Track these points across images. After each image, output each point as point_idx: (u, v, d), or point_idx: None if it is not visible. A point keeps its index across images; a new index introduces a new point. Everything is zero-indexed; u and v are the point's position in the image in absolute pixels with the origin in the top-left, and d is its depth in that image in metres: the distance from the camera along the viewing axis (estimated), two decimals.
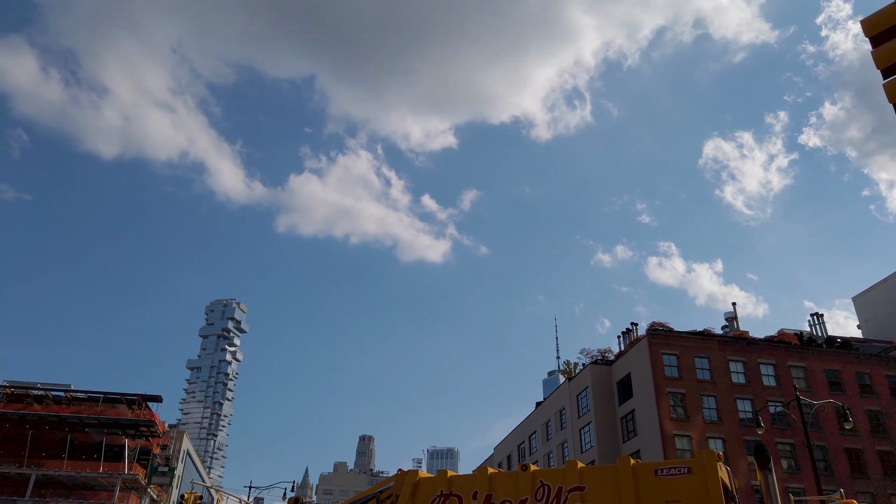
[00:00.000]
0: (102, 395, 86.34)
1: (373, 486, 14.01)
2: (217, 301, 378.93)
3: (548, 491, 12.81)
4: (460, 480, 13.23)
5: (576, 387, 63.97)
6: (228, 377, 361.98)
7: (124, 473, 79.38)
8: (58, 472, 78.63)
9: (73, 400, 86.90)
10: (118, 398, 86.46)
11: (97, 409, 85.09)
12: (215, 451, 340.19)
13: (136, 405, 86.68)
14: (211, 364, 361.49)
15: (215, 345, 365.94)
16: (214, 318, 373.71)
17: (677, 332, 59.70)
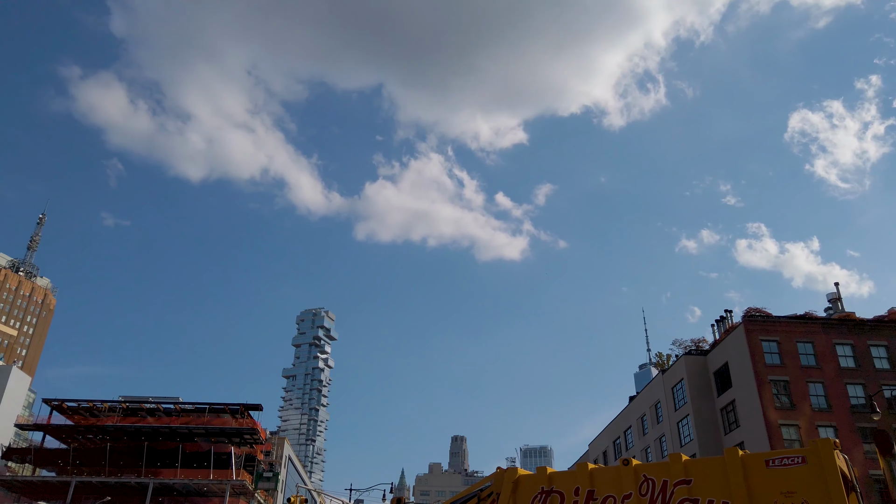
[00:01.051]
0: (208, 405, 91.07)
1: (472, 486, 14.09)
2: (307, 311, 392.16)
3: (652, 485, 12.48)
4: (560, 477, 13.09)
5: (670, 379, 62.02)
6: (322, 384, 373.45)
7: (233, 480, 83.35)
8: (172, 481, 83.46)
9: (181, 412, 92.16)
10: (222, 408, 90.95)
11: (204, 420, 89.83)
12: (314, 456, 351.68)
13: (239, 414, 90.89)
14: (305, 372, 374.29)
15: (308, 353, 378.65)
16: (305, 327, 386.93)
17: (776, 316, 56.74)
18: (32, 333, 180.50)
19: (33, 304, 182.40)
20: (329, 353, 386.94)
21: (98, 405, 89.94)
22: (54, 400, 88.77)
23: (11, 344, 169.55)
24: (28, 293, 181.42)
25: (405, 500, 16.43)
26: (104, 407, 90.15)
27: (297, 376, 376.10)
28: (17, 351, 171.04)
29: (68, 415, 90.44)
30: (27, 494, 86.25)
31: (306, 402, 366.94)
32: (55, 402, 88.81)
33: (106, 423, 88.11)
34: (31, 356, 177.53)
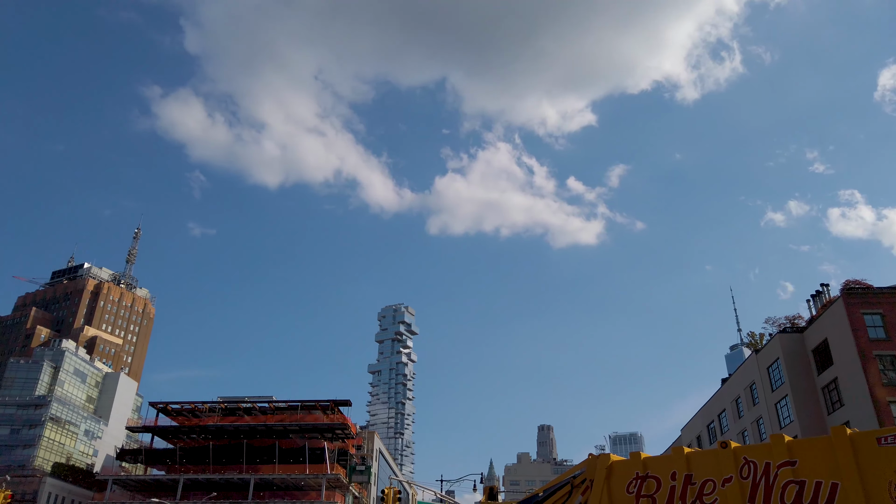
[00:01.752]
0: (300, 403, 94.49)
1: (564, 473, 13.98)
2: (387, 307, 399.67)
3: (754, 468, 12.00)
4: (655, 462, 12.78)
5: (765, 359, 59.37)
6: (406, 378, 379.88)
7: (328, 474, 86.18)
8: (272, 476, 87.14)
9: (276, 410, 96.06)
10: (313, 405, 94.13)
11: (297, 417, 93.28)
12: (404, 449, 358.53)
13: (330, 410, 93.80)
14: (389, 367, 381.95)
15: (391, 348, 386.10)
16: (387, 323, 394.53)
17: (878, 288, 53.19)
18: (136, 341, 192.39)
19: (135, 313, 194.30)
20: (411, 347, 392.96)
21: (199, 406, 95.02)
22: (159, 403, 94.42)
23: (118, 352, 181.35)
24: (129, 304, 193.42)
25: (497, 490, 16.49)
26: (205, 408, 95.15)
27: (381, 371, 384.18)
28: (123, 359, 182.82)
29: (173, 416, 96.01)
30: (141, 492, 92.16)
31: (392, 396, 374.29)
32: (160, 405, 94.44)
33: (207, 423, 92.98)
34: (135, 363, 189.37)
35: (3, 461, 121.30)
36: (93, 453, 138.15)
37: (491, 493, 16.26)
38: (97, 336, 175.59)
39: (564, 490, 12.96)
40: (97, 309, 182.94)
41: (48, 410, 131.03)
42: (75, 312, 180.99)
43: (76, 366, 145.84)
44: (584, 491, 12.31)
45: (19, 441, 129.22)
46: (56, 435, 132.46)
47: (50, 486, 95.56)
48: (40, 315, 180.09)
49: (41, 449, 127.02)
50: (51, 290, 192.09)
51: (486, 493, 16.32)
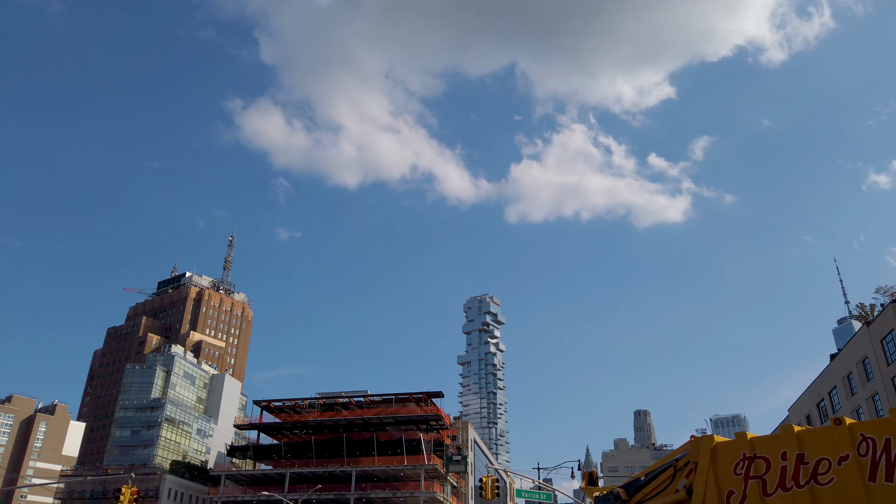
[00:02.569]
0: (394, 396, 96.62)
1: (665, 457, 13.60)
2: (472, 298, 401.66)
3: (873, 445, 11.25)
4: (764, 441, 12.20)
5: (877, 331, 55.50)
6: (496, 368, 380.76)
7: (425, 465, 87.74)
8: (372, 468, 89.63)
9: (371, 403, 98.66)
10: (407, 397, 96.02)
11: (392, 409, 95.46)
12: (498, 438, 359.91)
13: (423, 402, 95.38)
14: (478, 357, 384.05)
15: (479, 339, 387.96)
16: (473, 314, 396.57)
17: None
18: (237, 343, 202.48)
19: (234, 317, 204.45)
20: (499, 337, 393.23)
21: (299, 403, 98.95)
22: (262, 401, 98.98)
23: (221, 354, 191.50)
24: (229, 308, 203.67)
25: (596, 475, 16.27)
26: (304, 404, 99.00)
27: (471, 362, 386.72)
28: (226, 360, 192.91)
29: (276, 413, 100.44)
30: (251, 486, 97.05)
31: (483, 386, 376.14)
32: (263, 403, 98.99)
33: (307, 418, 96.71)
34: (238, 364, 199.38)
35: (126, 460, 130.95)
36: (205, 451, 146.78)
37: (591, 478, 16.05)
38: (202, 340, 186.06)
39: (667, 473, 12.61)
40: (200, 315, 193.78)
41: (163, 412, 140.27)
42: (181, 319, 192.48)
43: (185, 369, 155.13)
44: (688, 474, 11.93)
45: (140, 441, 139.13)
46: (172, 434, 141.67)
47: (170, 483, 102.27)
48: (150, 323, 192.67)
49: (159, 448, 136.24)
50: (158, 300, 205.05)
51: (586, 479, 16.14)
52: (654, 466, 13.56)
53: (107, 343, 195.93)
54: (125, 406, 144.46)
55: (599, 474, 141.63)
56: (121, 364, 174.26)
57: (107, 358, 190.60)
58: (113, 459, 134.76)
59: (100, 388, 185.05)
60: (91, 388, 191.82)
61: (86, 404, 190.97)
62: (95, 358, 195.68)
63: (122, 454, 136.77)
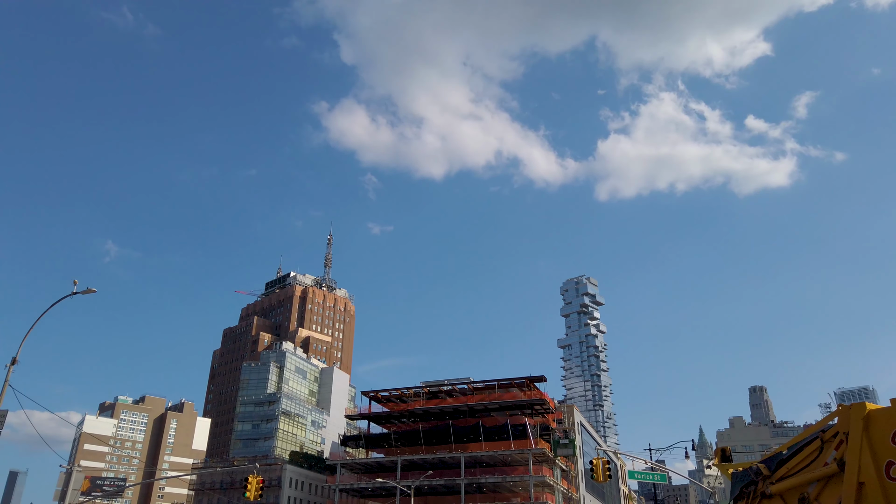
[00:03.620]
0: (496, 382, 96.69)
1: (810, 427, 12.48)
2: (568, 280, 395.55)
3: None
4: None
5: None
6: (598, 350, 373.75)
7: (533, 449, 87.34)
8: (480, 453, 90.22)
9: (475, 390, 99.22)
10: (509, 383, 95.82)
11: (496, 395, 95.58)
12: (605, 421, 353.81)
13: (526, 387, 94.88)
14: (579, 340, 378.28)
15: (578, 321, 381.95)
16: (570, 296, 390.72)
17: None
18: (342, 338, 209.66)
19: (338, 312, 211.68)
20: (599, 318, 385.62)
21: (405, 392, 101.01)
22: (370, 392, 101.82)
23: (328, 349, 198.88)
24: (332, 304, 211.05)
25: (729, 451, 15.26)
26: (410, 393, 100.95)
27: (571, 345, 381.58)
28: (333, 354, 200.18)
29: (383, 403, 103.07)
30: (365, 474, 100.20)
31: (586, 369, 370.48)
32: (371, 394, 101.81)
33: (414, 407, 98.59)
34: (344, 357, 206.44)
35: (249, 452, 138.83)
36: (320, 441, 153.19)
37: (724, 454, 15.08)
38: (310, 336, 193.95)
39: (813, 446, 11.54)
40: (306, 312, 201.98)
41: (280, 406, 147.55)
42: (289, 317, 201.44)
43: (297, 364, 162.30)
44: (838, 445, 10.84)
45: (260, 434, 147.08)
46: (289, 427, 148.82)
47: (290, 472, 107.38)
48: (261, 322, 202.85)
49: (278, 440, 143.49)
50: (267, 300, 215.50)
51: (719, 455, 15.17)
52: (796, 440, 12.51)
53: (224, 343, 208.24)
54: (244, 402, 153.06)
55: None
56: (238, 362, 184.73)
57: (225, 357, 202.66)
58: (237, 452, 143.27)
59: (221, 386, 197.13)
60: (213, 386, 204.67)
61: (209, 401, 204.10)
62: (215, 357, 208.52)
63: (246, 446, 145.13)
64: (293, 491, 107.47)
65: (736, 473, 13.41)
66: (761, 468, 12.50)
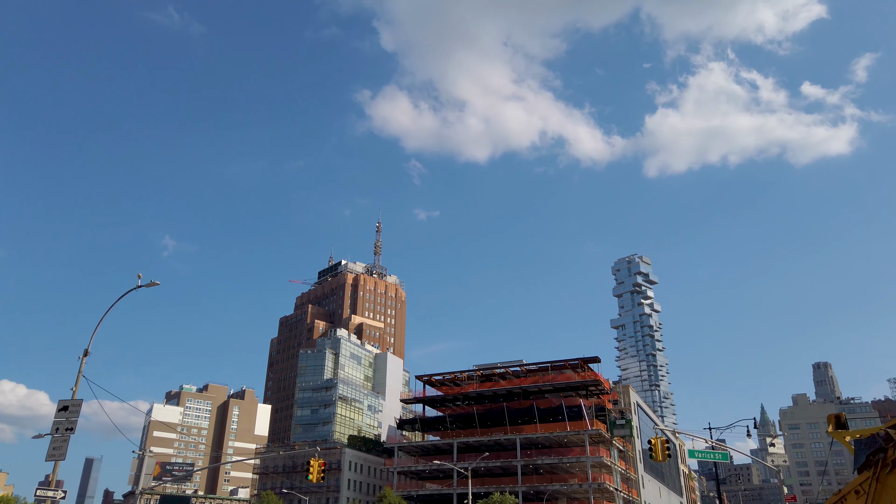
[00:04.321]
0: (549, 364, 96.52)
1: None
2: (620, 260, 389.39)
3: None
4: None
5: None
6: (653, 329, 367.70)
7: (588, 430, 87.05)
8: (535, 435, 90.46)
9: (528, 372, 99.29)
10: (563, 364, 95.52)
11: (549, 377, 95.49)
12: (662, 401, 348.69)
13: (580, 368, 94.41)
14: (633, 320, 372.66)
15: (631, 301, 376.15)
16: (622, 276, 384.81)
17: None
18: (394, 323, 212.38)
19: (389, 298, 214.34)
20: (652, 297, 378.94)
21: (458, 375, 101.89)
22: (424, 376, 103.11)
23: (381, 334, 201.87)
24: (383, 291, 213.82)
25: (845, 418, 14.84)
26: (463, 376, 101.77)
27: (625, 325, 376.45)
28: (386, 340, 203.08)
29: (437, 386, 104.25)
30: (422, 456, 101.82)
31: (641, 349, 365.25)
32: (425, 378, 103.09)
33: (468, 390, 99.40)
34: (397, 342, 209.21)
35: (309, 436, 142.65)
36: (377, 425, 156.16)
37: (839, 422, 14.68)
38: (363, 322, 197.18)
39: None
40: (359, 299, 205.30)
41: (336, 391, 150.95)
42: (342, 304, 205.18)
43: (351, 350, 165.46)
44: None
45: (318, 419, 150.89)
46: (346, 411, 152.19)
47: (349, 455, 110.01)
48: (315, 310, 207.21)
49: (337, 424, 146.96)
50: (319, 288, 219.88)
51: (833, 423, 14.78)
52: None
53: (280, 331, 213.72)
54: (302, 388, 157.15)
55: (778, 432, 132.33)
56: (294, 350, 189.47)
57: (282, 345, 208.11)
58: (298, 436, 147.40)
59: (279, 373, 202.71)
60: (272, 373, 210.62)
61: (269, 388, 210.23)
62: (272, 345, 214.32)
63: (305, 431, 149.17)
64: (353, 474, 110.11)
65: (859, 441, 12.71)
66: (891, 433, 11.79)
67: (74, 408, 22.97)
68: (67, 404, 23.08)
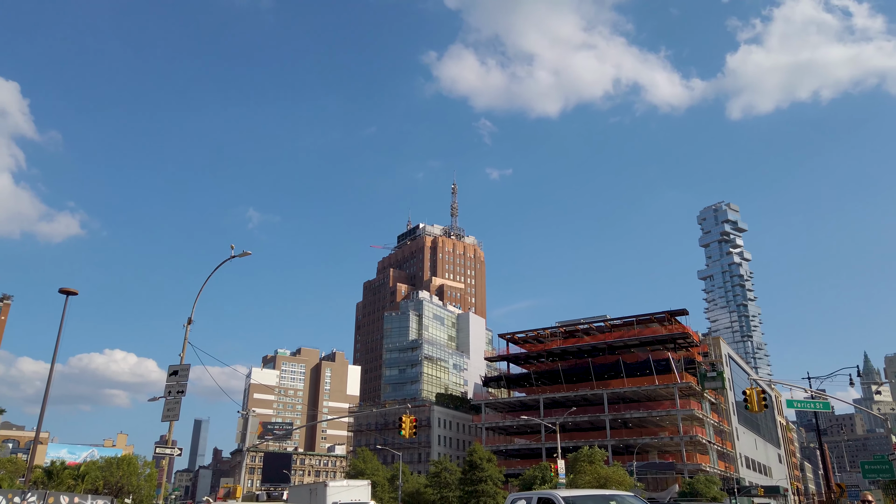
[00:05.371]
0: (634, 318, 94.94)
1: None
2: (706, 208, 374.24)
3: None
4: None
5: None
6: (743, 279, 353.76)
7: (678, 383, 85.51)
8: (623, 389, 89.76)
9: (612, 327, 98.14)
10: (648, 318, 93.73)
11: (634, 332, 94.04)
12: (755, 352, 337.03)
13: (666, 321, 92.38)
14: (721, 270, 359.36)
15: (719, 251, 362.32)
16: (708, 225, 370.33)
17: None
18: (474, 283, 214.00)
19: (468, 259, 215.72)
20: (742, 246, 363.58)
21: (541, 333, 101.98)
22: (507, 334, 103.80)
23: (463, 295, 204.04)
24: (462, 252, 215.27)
25: None
26: (546, 333, 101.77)
27: (713, 276, 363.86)
28: (468, 300, 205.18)
29: (520, 344, 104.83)
30: (508, 412, 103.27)
31: (731, 299, 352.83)
32: (508, 336, 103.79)
33: (551, 346, 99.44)
34: (478, 302, 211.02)
35: (398, 395, 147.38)
36: (463, 383, 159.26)
37: None
38: (444, 284, 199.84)
39: None
40: (438, 261, 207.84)
41: (422, 352, 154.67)
42: (422, 267, 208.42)
43: (434, 312, 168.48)
44: None
45: (406, 378, 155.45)
46: (432, 370, 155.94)
47: (438, 413, 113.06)
48: (397, 274, 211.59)
49: (424, 383, 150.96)
50: (399, 252, 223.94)
51: None
52: None
53: (365, 295, 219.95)
54: (389, 349, 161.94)
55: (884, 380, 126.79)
56: (379, 313, 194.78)
57: (367, 308, 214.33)
58: (387, 395, 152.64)
59: (366, 335, 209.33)
60: (359, 336, 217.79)
61: (357, 350, 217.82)
62: (358, 309, 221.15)
63: (394, 390, 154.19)
64: (442, 430, 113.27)
65: None
66: None
67: (184, 372, 24.65)
68: (177, 369, 24.79)
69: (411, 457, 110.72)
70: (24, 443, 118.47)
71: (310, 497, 39.97)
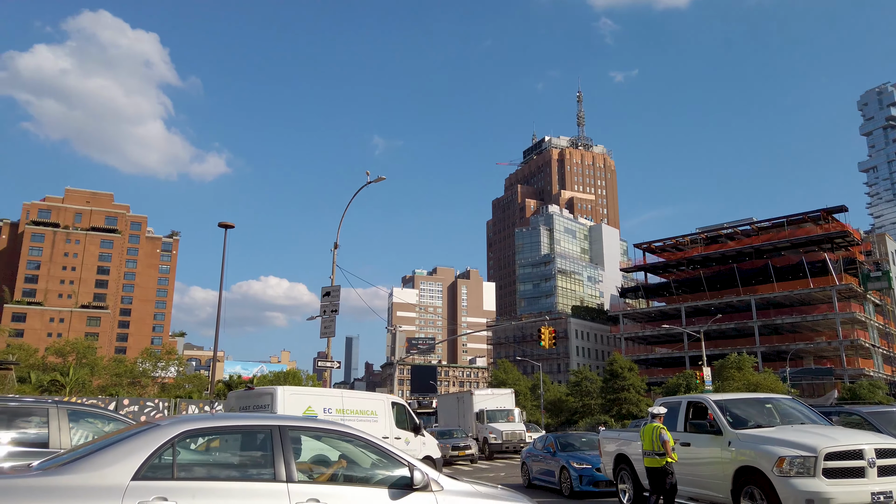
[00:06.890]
0: (785, 219, 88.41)
1: None
2: (868, 92, 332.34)
3: None
4: None
5: None
6: None
7: (836, 285, 79.53)
8: (773, 294, 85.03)
9: (759, 230, 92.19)
10: (800, 218, 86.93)
11: (785, 233, 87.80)
12: None
13: (822, 220, 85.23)
14: (887, 159, 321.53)
15: (884, 138, 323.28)
16: (871, 110, 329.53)
17: None
18: (605, 194, 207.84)
19: (597, 169, 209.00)
20: None
21: (680, 241, 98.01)
22: (643, 244, 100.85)
23: (593, 206, 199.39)
24: (590, 162, 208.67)
25: None
26: (686, 241, 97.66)
27: (877, 167, 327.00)
28: (599, 212, 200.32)
29: (658, 253, 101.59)
30: (648, 322, 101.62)
31: None
32: (644, 245, 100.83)
33: (692, 254, 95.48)
34: (610, 213, 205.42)
35: (534, 308, 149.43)
36: (599, 295, 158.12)
37: None
38: (573, 196, 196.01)
39: None
40: (566, 174, 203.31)
41: (555, 265, 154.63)
42: (550, 181, 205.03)
43: (565, 225, 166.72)
44: None
45: (541, 293, 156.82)
46: (566, 284, 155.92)
47: (574, 325, 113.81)
48: (525, 189, 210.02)
49: (559, 296, 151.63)
50: (526, 167, 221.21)
51: None
52: None
53: (494, 213, 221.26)
54: (522, 264, 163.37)
55: None
56: (510, 229, 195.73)
57: (497, 226, 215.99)
58: (523, 309, 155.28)
59: (498, 252, 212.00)
60: (491, 253, 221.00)
61: (490, 267, 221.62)
62: (489, 227, 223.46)
63: (529, 304, 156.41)
64: (579, 341, 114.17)
65: None
66: None
67: (335, 292, 26.43)
68: (329, 290, 26.63)
69: (550, 367, 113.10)
70: (204, 361, 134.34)
71: (457, 405, 42.23)
